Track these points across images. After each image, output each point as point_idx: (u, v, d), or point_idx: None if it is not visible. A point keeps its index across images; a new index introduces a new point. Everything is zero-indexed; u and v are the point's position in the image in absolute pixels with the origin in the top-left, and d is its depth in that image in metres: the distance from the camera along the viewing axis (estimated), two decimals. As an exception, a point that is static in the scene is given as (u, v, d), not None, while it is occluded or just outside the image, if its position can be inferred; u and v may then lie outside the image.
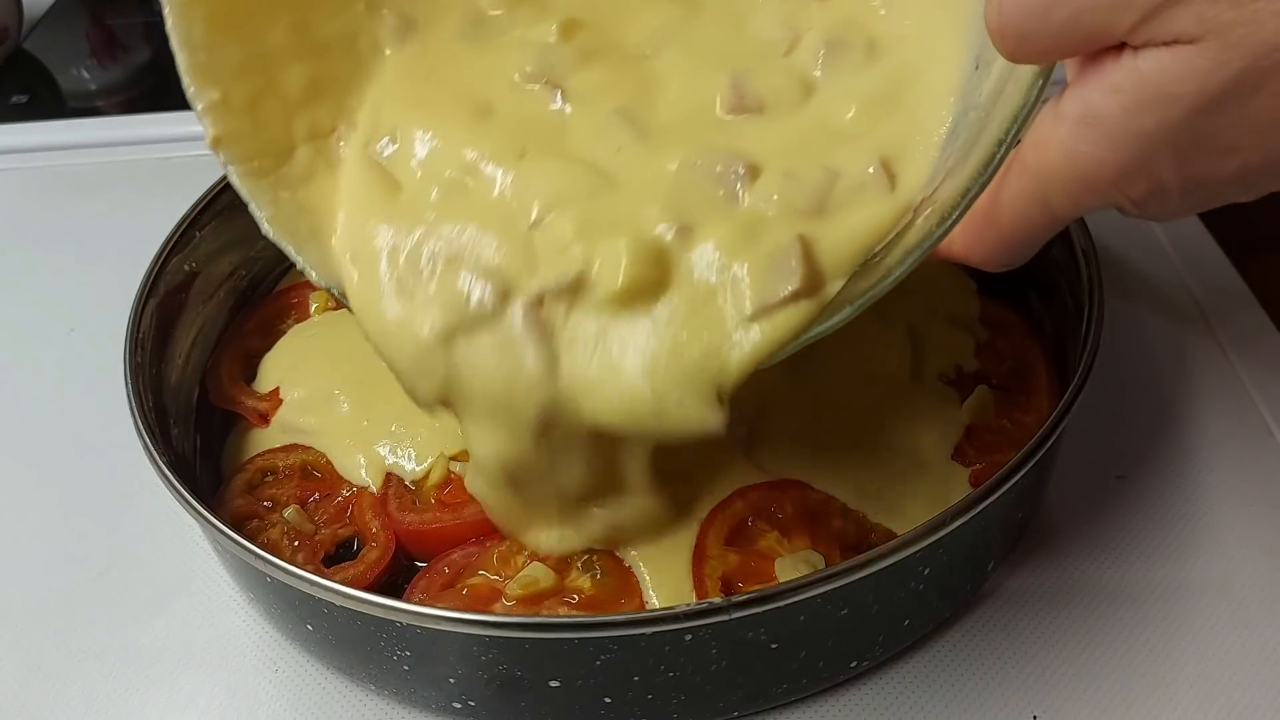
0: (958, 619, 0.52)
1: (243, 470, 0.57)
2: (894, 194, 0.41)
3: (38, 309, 0.74)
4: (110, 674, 0.52)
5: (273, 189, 0.47)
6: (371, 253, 0.45)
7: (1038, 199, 0.35)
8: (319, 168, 0.48)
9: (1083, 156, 0.33)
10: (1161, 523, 0.55)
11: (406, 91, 0.49)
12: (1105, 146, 0.33)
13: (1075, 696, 0.49)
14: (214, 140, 0.46)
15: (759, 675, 0.46)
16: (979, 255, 0.39)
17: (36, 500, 0.61)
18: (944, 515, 0.43)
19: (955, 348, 0.59)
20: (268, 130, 0.47)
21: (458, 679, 0.46)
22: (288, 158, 0.48)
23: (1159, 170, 0.33)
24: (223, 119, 0.46)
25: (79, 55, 1.06)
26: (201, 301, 0.62)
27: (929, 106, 0.42)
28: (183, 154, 0.87)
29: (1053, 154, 0.34)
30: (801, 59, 0.45)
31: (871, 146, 0.42)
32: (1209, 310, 0.67)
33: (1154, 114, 0.31)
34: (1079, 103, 0.33)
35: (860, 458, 0.53)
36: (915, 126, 0.42)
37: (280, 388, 0.60)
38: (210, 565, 0.56)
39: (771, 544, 0.51)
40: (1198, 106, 0.31)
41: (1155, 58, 0.31)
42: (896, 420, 0.54)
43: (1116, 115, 0.32)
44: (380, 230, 0.45)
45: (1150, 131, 0.32)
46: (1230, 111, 0.31)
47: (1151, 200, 0.34)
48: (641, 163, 0.44)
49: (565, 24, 0.48)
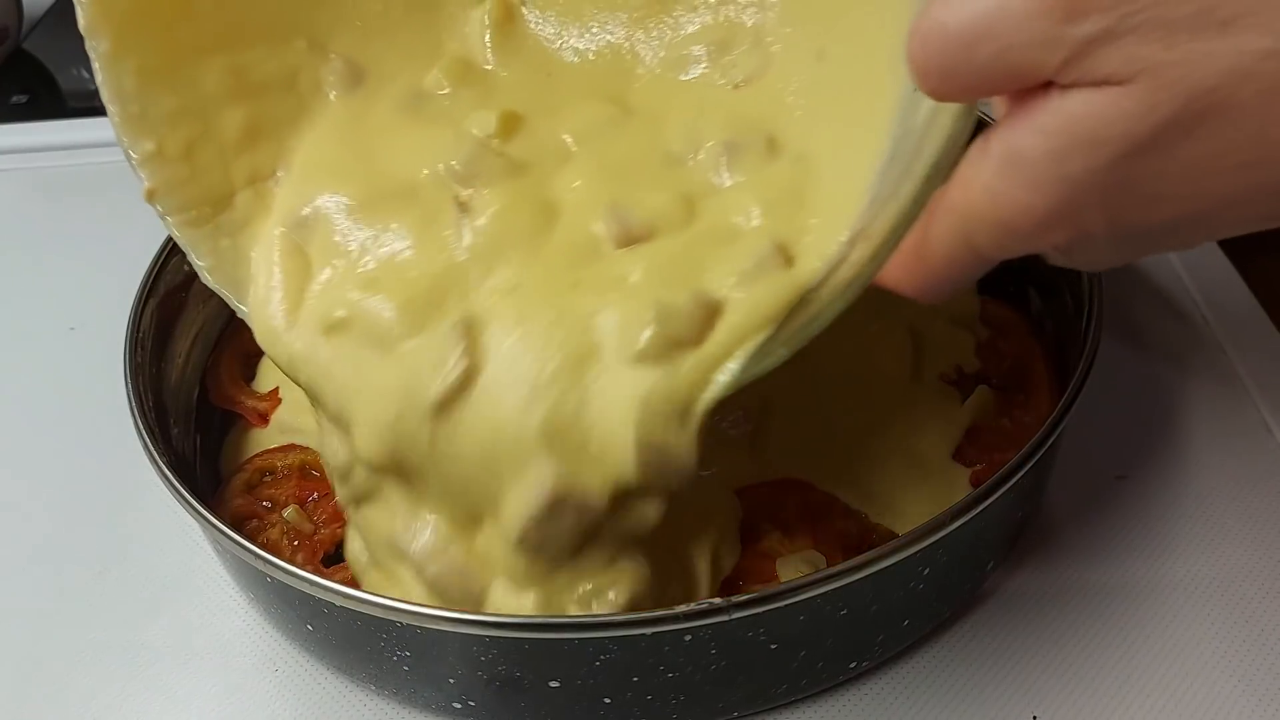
0: (958, 619, 0.52)
1: (241, 470, 0.57)
2: (791, 272, 0.40)
3: (38, 308, 0.74)
4: (110, 673, 0.52)
5: (212, 237, 0.46)
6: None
7: (962, 239, 0.34)
8: (258, 211, 0.47)
9: (1006, 199, 0.31)
10: (1162, 522, 0.55)
11: (336, 157, 0.47)
12: (1030, 190, 0.31)
13: (1075, 696, 0.49)
14: (149, 193, 0.45)
15: (759, 675, 0.46)
16: (909, 288, 0.37)
17: (36, 499, 0.61)
18: (943, 515, 0.43)
19: (956, 347, 0.59)
20: (206, 177, 0.46)
21: (458, 679, 0.46)
22: (228, 204, 0.46)
23: (1085, 217, 0.31)
24: (158, 169, 0.45)
25: (79, 55, 1.04)
26: (202, 301, 0.62)
27: (847, 161, 0.40)
28: (183, 154, 0.87)
29: (976, 194, 0.32)
30: (703, 167, 0.44)
31: (767, 235, 0.41)
32: (1209, 310, 0.67)
33: (1081, 158, 0.30)
34: (1004, 143, 0.31)
35: (862, 458, 0.53)
36: (829, 189, 0.41)
37: (280, 387, 0.60)
38: (210, 565, 0.56)
39: (773, 544, 0.51)
40: (1126, 151, 0.29)
41: (1083, 99, 0.29)
42: (898, 421, 0.54)
43: (1041, 158, 0.30)
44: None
45: (1076, 176, 0.30)
46: (1160, 157, 0.29)
47: (1077, 248, 0.33)
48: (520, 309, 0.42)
49: (505, 117, 0.47)
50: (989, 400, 0.56)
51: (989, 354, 0.59)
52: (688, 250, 0.42)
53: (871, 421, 0.54)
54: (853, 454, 0.53)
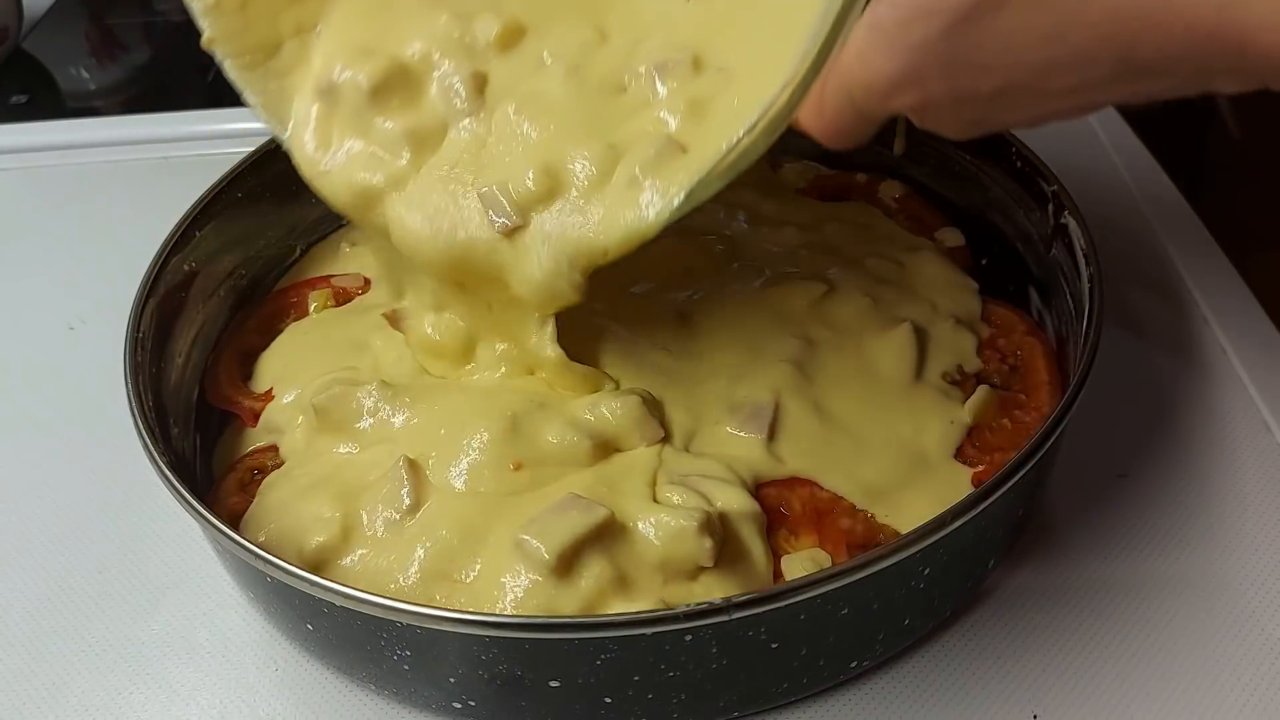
0: (958, 618, 0.52)
1: (234, 469, 0.57)
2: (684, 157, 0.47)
3: (38, 308, 0.74)
4: (110, 672, 0.52)
5: (262, 79, 0.54)
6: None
7: (845, 96, 0.39)
8: (300, 60, 0.54)
9: (869, 62, 0.37)
10: (1162, 521, 0.55)
11: (360, 36, 0.54)
12: (884, 55, 0.37)
13: (1075, 695, 0.49)
14: (208, 41, 0.53)
15: (759, 675, 0.46)
16: (816, 133, 0.43)
17: (36, 498, 0.61)
18: (944, 515, 0.43)
19: (958, 347, 0.59)
20: (258, 28, 0.54)
21: (458, 679, 0.46)
22: (275, 51, 0.54)
23: (928, 82, 0.37)
24: (217, 20, 0.53)
25: (79, 55, 1.06)
26: (202, 300, 0.62)
27: (759, 70, 0.45)
28: (183, 154, 0.87)
29: (851, 58, 0.38)
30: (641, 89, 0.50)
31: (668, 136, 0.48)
32: (1209, 310, 0.67)
33: (921, 27, 0.35)
34: (871, 14, 0.37)
35: (867, 457, 0.53)
36: (738, 97, 0.46)
37: (274, 387, 0.60)
38: (209, 564, 0.56)
39: (779, 541, 0.51)
40: (954, 21, 0.34)
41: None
42: (902, 420, 0.55)
43: (893, 27, 0.36)
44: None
45: (917, 43, 0.36)
46: (980, 29, 0.34)
47: (927, 112, 0.38)
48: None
49: (507, 28, 0.53)
50: (991, 400, 0.56)
51: (990, 353, 0.59)
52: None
53: (877, 421, 0.54)
54: (859, 453, 0.53)
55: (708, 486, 0.50)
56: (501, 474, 0.50)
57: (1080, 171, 0.77)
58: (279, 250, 0.68)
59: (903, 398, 0.55)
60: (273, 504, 0.53)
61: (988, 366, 0.59)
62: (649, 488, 0.50)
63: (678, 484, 0.50)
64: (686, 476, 0.51)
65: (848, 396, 0.55)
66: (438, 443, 0.52)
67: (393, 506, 0.50)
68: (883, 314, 0.59)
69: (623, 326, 0.59)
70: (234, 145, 0.79)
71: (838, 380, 0.56)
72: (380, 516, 0.50)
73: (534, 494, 0.50)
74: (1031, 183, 0.62)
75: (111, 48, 1.07)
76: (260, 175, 0.65)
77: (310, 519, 0.50)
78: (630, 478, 0.51)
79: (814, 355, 0.57)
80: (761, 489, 0.52)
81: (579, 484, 0.50)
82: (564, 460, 0.51)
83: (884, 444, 0.53)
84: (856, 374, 0.56)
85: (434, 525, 0.49)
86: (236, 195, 0.64)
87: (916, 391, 0.56)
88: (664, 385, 0.55)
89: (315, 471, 0.53)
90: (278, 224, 0.68)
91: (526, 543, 0.46)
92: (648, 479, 0.51)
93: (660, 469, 0.52)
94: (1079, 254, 0.56)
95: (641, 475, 0.51)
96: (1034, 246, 0.63)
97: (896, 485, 0.52)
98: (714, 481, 0.50)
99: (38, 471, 0.62)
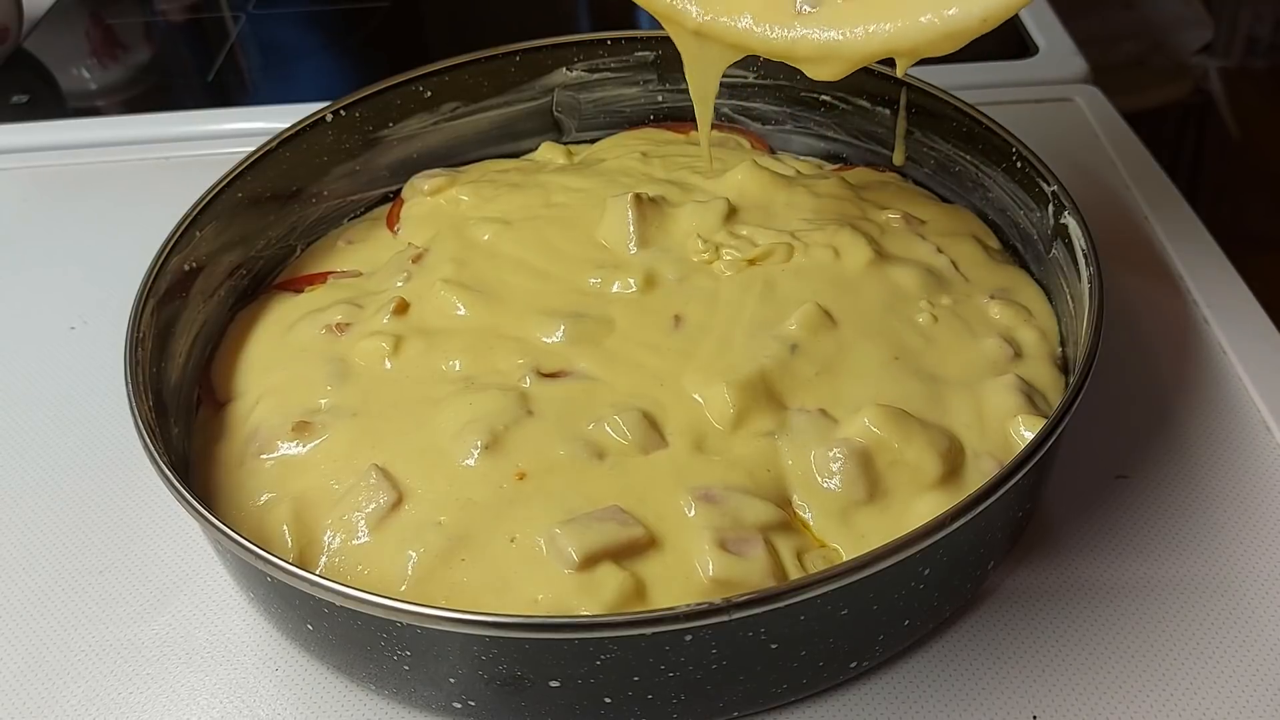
0: (958, 619, 0.52)
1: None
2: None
3: (38, 308, 0.74)
4: (110, 672, 0.52)
5: None
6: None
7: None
8: None
9: None
10: (1162, 522, 0.55)
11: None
12: None
13: (1075, 696, 0.49)
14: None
15: (759, 675, 0.46)
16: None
17: (36, 498, 0.61)
18: (944, 515, 0.43)
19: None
20: None
21: (458, 679, 0.46)
22: None
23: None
24: None
25: (79, 55, 1.06)
26: (202, 300, 0.62)
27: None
28: (183, 154, 0.87)
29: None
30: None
31: None
32: (1209, 310, 0.67)
33: None
34: None
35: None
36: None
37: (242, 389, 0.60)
38: (209, 564, 0.56)
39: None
40: None
41: None
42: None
43: None
44: None
45: None
46: None
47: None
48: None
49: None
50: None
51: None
52: None
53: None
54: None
55: (736, 502, 0.49)
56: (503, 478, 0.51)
57: (1080, 171, 0.77)
58: (279, 250, 0.68)
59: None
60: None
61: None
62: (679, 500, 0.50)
63: (703, 499, 0.49)
64: (710, 489, 0.50)
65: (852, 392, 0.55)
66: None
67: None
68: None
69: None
70: (234, 145, 0.79)
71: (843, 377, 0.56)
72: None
73: (539, 494, 0.50)
74: (1031, 183, 0.62)
75: (112, 48, 1.07)
76: (260, 175, 0.65)
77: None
78: (655, 489, 0.50)
79: (830, 363, 0.56)
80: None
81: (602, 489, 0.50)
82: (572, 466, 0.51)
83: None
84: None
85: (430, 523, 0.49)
86: (236, 195, 0.64)
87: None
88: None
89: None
90: (278, 223, 0.68)
91: (558, 538, 0.47)
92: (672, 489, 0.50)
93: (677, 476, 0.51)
94: (1079, 254, 0.56)
95: (667, 488, 0.50)
96: (1034, 246, 0.63)
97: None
98: (740, 495, 0.50)
99: (38, 471, 0.62)
